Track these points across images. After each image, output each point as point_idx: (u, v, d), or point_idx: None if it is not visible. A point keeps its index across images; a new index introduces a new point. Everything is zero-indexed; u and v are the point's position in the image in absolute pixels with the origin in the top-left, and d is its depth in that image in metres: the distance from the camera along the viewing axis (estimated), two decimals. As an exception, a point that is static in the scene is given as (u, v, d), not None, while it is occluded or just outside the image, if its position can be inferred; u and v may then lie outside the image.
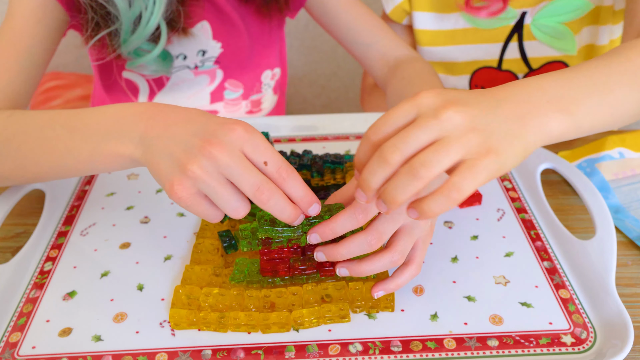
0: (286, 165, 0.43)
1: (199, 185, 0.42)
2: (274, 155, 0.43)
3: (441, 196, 0.37)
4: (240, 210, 0.43)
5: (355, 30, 0.77)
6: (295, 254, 0.49)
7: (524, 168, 0.66)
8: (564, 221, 0.58)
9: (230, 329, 0.47)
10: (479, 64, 0.85)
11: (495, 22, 0.80)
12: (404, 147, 0.38)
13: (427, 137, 0.38)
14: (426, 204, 0.38)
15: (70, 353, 0.46)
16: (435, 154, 0.37)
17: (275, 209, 0.42)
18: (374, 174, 0.39)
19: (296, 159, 0.62)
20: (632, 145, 0.68)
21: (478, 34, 0.81)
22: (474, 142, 0.37)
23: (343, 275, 0.47)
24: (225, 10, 0.76)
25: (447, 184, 0.37)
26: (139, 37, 0.67)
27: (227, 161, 0.41)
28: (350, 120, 0.75)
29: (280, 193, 0.42)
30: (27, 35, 0.63)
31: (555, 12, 0.78)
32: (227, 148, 0.41)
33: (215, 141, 0.41)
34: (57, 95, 1.34)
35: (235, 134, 0.42)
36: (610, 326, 0.46)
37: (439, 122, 0.38)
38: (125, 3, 0.65)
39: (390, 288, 0.47)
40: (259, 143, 0.42)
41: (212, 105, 0.84)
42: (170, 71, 0.77)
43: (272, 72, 0.87)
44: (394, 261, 0.45)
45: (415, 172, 0.37)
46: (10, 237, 0.59)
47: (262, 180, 0.42)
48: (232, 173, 0.41)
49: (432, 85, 0.66)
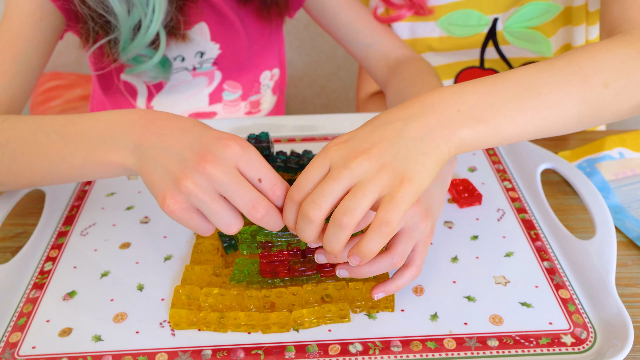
0: (281, 182, 0.43)
1: (192, 201, 0.42)
2: (268, 172, 0.43)
3: (373, 234, 0.39)
4: (232, 226, 0.43)
5: (355, 30, 0.76)
6: (295, 257, 0.49)
7: (524, 168, 0.66)
8: (564, 221, 0.58)
9: (230, 329, 0.47)
10: (462, 65, 0.85)
11: (469, 30, 0.80)
12: (322, 201, 0.40)
13: (341, 187, 0.40)
14: (363, 246, 0.40)
15: (70, 353, 0.46)
16: (354, 199, 0.39)
17: (270, 225, 0.43)
18: (304, 231, 0.41)
19: (296, 159, 0.62)
20: (632, 146, 0.68)
21: (453, 41, 0.82)
22: (386, 178, 0.39)
23: (343, 276, 0.47)
24: (223, 11, 0.76)
25: (375, 222, 0.39)
26: (139, 45, 0.67)
27: (222, 178, 0.41)
28: (350, 120, 0.75)
29: (274, 210, 0.43)
30: (23, 39, 0.63)
31: (524, 17, 0.78)
32: (222, 164, 0.41)
33: (210, 157, 0.41)
34: (57, 95, 1.34)
35: (230, 150, 0.42)
36: (610, 326, 0.46)
37: (349, 171, 0.40)
38: (124, 12, 0.64)
39: (390, 290, 0.47)
40: (253, 159, 0.42)
41: (210, 107, 0.84)
42: (169, 77, 0.77)
43: (271, 73, 0.87)
44: (394, 263, 0.45)
45: (340, 222, 0.39)
46: (10, 237, 0.59)
47: (257, 197, 0.42)
48: (226, 190, 0.41)
49: (432, 85, 0.66)
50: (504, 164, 0.68)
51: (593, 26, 0.78)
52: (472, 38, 0.81)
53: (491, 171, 0.67)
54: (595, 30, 0.78)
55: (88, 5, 0.64)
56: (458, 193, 0.61)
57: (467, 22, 0.80)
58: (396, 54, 0.75)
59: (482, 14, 0.79)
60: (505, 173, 0.66)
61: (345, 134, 0.43)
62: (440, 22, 0.80)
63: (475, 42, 0.82)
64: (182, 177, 0.41)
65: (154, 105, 0.82)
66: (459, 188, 0.61)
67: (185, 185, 0.41)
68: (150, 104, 0.82)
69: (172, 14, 0.68)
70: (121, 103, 0.82)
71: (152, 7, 0.65)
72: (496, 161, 0.68)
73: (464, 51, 0.83)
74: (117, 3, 0.63)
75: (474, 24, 0.79)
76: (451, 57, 0.84)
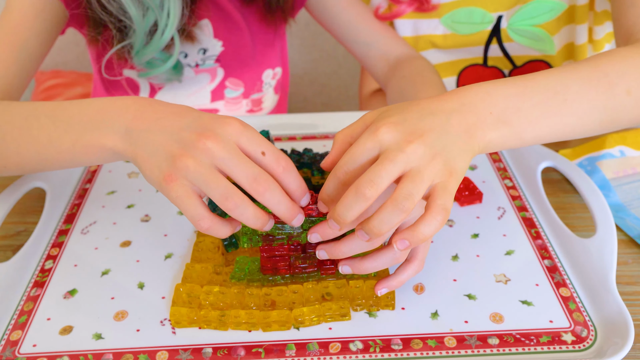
0: (284, 155, 0.43)
1: (191, 178, 0.40)
2: (270, 146, 0.42)
3: (432, 219, 0.40)
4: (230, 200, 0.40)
5: (356, 29, 0.76)
6: (295, 252, 0.49)
7: (525, 166, 0.66)
8: (565, 219, 0.58)
9: (230, 327, 0.47)
10: (465, 62, 0.85)
11: (473, 27, 0.80)
12: (379, 181, 0.40)
13: (397, 169, 0.40)
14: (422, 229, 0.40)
15: (71, 351, 0.46)
16: (414, 185, 0.40)
17: (272, 201, 0.42)
18: (350, 208, 0.41)
19: (297, 157, 0.62)
20: (633, 144, 0.68)
21: (457, 39, 0.82)
22: (439, 167, 0.41)
23: (345, 272, 0.47)
24: (226, 9, 0.76)
25: (434, 208, 0.40)
26: (153, 50, 0.67)
27: (223, 154, 0.40)
28: (351, 118, 0.74)
29: (277, 186, 0.42)
30: (23, 28, 0.63)
31: (528, 15, 0.78)
32: (223, 140, 0.41)
33: (210, 134, 0.41)
34: (57, 93, 1.34)
35: (231, 127, 0.41)
36: (610, 324, 0.46)
37: (405, 155, 0.40)
38: (140, 16, 0.64)
39: (393, 285, 0.47)
40: (254, 135, 0.42)
41: (212, 104, 0.84)
42: (181, 78, 0.77)
43: (274, 72, 0.87)
44: (397, 258, 0.45)
45: (401, 205, 0.39)
46: (10, 236, 0.59)
47: (259, 171, 0.41)
48: (228, 165, 0.41)
49: (433, 83, 0.66)
50: (505, 162, 0.68)
51: (599, 26, 0.77)
52: (476, 35, 0.81)
53: (492, 169, 0.67)
54: (600, 31, 0.78)
55: (109, 12, 0.64)
56: (459, 191, 0.61)
57: (470, 19, 0.79)
58: (396, 53, 0.75)
59: (486, 12, 0.79)
60: (505, 171, 0.66)
61: (387, 112, 0.43)
62: (444, 20, 0.80)
63: (479, 39, 0.81)
64: (181, 155, 0.40)
65: None
66: (460, 186, 0.61)
67: (185, 163, 0.40)
68: None
69: (185, 18, 0.68)
70: None
71: (167, 12, 0.65)
72: (497, 159, 0.68)
73: (467, 49, 0.83)
74: (134, 8, 0.63)
75: (478, 22, 0.79)
76: (454, 54, 0.84)
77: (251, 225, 0.43)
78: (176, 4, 0.65)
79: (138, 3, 0.64)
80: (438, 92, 0.62)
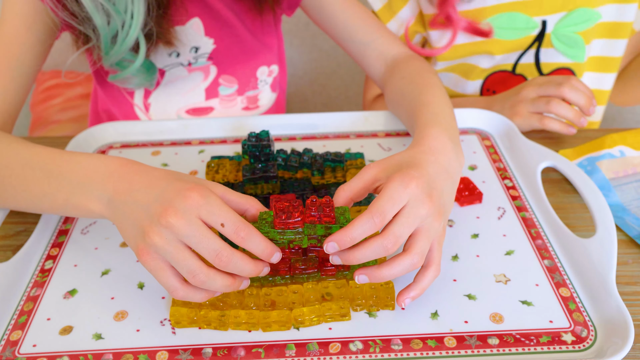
0: (244, 224, 0.44)
1: (162, 254, 0.43)
2: (230, 217, 0.43)
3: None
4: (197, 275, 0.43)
5: (352, 28, 0.77)
6: (296, 255, 0.49)
7: (525, 166, 0.66)
8: (565, 219, 0.59)
9: (230, 327, 0.47)
10: (495, 68, 0.85)
11: (516, 33, 0.81)
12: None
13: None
14: None
15: (71, 351, 0.46)
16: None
17: (236, 270, 0.44)
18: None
19: (296, 157, 0.62)
20: (632, 144, 0.68)
21: (499, 44, 0.82)
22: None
23: (362, 282, 0.47)
24: (216, 7, 0.77)
25: None
26: (119, 51, 0.68)
27: (184, 230, 0.42)
28: (351, 118, 0.75)
29: (238, 255, 0.44)
30: (17, 44, 0.64)
31: (573, 21, 0.80)
32: (184, 216, 0.42)
33: (171, 210, 0.42)
34: (57, 93, 1.34)
35: (190, 201, 0.43)
36: (610, 324, 0.46)
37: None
38: (103, 21, 0.65)
39: (416, 294, 0.47)
40: (213, 206, 0.43)
41: (207, 102, 0.84)
42: (153, 83, 0.78)
43: (269, 69, 0.87)
44: (414, 263, 0.45)
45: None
46: (10, 236, 0.59)
47: (220, 245, 0.43)
48: (191, 241, 0.43)
49: (432, 84, 0.66)
50: (505, 162, 0.68)
51: None
52: (520, 40, 0.82)
53: (492, 169, 0.67)
54: None
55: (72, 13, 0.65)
56: (459, 191, 0.61)
57: (513, 24, 0.80)
58: (393, 52, 0.75)
59: (529, 17, 0.80)
60: (505, 171, 0.66)
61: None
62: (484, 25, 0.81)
63: (522, 44, 0.83)
64: (149, 232, 0.43)
65: (151, 101, 0.82)
66: (460, 186, 0.61)
67: (152, 239, 0.42)
68: (147, 101, 0.82)
69: (154, 20, 0.69)
70: (120, 100, 0.82)
71: (130, 14, 0.66)
72: (497, 159, 0.68)
73: (507, 55, 0.84)
74: (95, 11, 0.64)
75: (522, 27, 0.80)
76: (493, 59, 0.85)
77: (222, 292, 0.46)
78: (140, 6, 0.66)
79: (102, 11, 0.65)
80: (440, 94, 0.62)
